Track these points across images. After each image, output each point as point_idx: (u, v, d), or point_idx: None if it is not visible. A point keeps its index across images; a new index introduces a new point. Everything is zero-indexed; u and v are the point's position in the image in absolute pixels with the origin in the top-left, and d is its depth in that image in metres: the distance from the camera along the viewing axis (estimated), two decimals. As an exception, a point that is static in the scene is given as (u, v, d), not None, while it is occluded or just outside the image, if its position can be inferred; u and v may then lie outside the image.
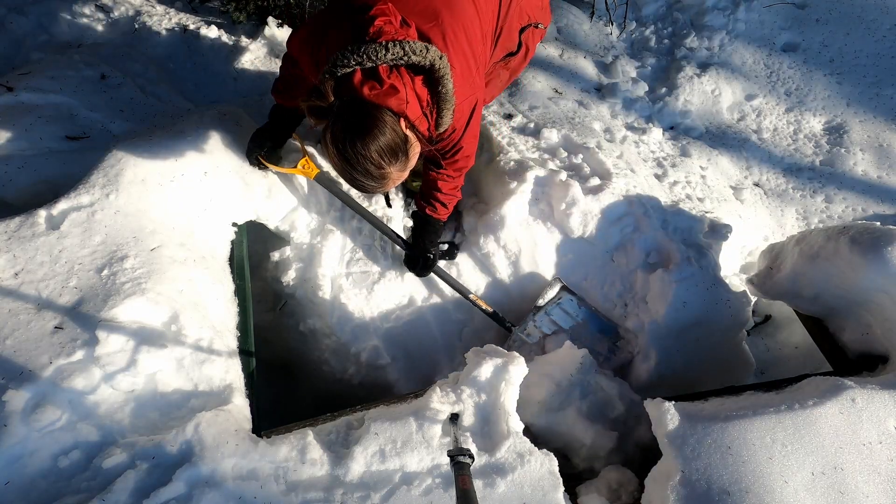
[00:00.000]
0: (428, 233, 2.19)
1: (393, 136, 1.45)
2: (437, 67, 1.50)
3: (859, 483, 1.48)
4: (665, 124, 3.22)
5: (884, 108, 3.19)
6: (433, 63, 1.49)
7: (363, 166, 1.45)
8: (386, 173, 1.49)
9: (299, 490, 1.44)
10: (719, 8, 3.58)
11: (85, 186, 1.85)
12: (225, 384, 1.68)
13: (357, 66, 1.43)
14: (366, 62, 1.42)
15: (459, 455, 1.36)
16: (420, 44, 1.46)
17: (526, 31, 1.99)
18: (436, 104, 1.58)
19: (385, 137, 1.44)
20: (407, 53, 1.44)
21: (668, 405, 1.67)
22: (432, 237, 2.21)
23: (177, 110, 2.54)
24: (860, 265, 1.87)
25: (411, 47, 1.44)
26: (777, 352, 2.68)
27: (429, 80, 1.54)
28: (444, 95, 1.56)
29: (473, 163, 2.03)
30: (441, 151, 1.84)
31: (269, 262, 2.38)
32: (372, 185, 1.53)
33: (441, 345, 2.38)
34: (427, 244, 2.21)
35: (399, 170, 1.52)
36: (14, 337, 1.54)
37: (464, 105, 1.69)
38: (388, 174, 1.50)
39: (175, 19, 3.12)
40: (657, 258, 2.33)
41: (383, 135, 1.43)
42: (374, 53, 1.42)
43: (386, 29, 1.46)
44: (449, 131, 1.73)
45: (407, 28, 1.51)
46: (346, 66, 1.44)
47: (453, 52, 1.59)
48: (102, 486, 1.35)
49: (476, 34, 1.70)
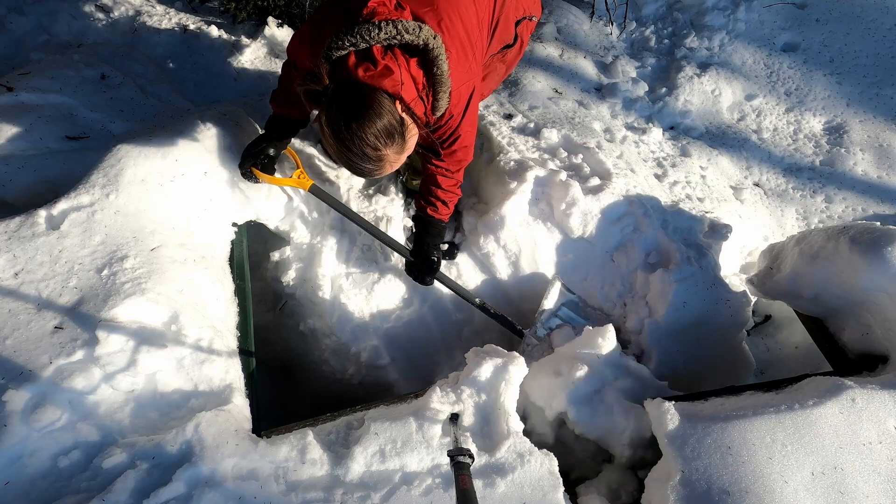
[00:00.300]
0: (430, 235, 2.16)
1: (389, 118, 1.45)
2: (431, 47, 1.49)
3: (859, 483, 1.48)
4: (665, 124, 3.22)
5: (884, 108, 3.19)
6: (427, 43, 1.48)
7: (359, 148, 1.45)
8: (382, 155, 1.49)
9: (299, 490, 1.44)
10: (719, 8, 3.58)
11: (85, 186, 1.85)
12: (225, 384, 1.68)
13: (351, 47, 1.43)
14: (359, 42, 1.43)
15: (459, 455, 1.37)
16: (413, 23, 1.46)
17: (521, 23, 2.00)
18: (431, 87, 1.58)
19: (381, 120, 1.44)
20: (400, 32, 1.44)
21: (668, 405, 1.67)
22: (435, 240, 2.17)
23: (177, 110, 2.54)
24: (860, 265, 1.87)
25: (404, 26, 1.44)
26: (777, 352, 2.68)
27: (424, 62, 1.54)
28: (439, 77, 1.56)
29: (472, 158, 2.02)
30: (440, 140, 1.83)
31: (269, 262, 2.38)
32: (369, 168, 1.52)
33: (441, 345, 2.38)
34: (430, 248, 2.16)
35: (396, 152, 1.51)
36: (14, 337, 1.54)
37: (461, 90, 1.69)
38: (385, 156, 1.49)
39: (175, 19, 3.12)
40: (657, 258, 2.33)
41: (379, 117, 1.43)
42: (367, 33, 1.42)
43: (379, 10, 1.46)
44: (447, 117, 1.73)
45: (401, 10, 1.51)
46: (341, 49, 1.44)
47: (448, 36, 1.59)
48: (102, 486, 1.35)
49: (472, 21, 1.70)
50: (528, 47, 3.32)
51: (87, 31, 2.95)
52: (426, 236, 2.16)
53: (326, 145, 1.52)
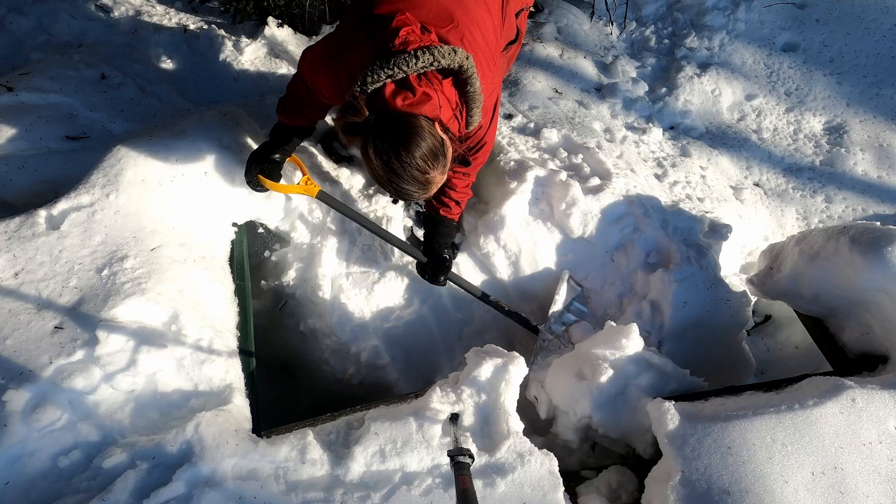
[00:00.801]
0: (441, 234, 2.16)
1: (432, 140, 1.47)
2: (465, 68, 1.51)
3: (859, 483, 1.48)
4: (665, 124, 3.22)
5: (884, 108, 3.19)
6: (461, 65, 1.50)
7: (409, 174, 1.46)
8: (430, 178, 1.51)
9: (299, 490, 1.44)
10: (719, 8, 3.58)
11: (85, 186, 1.85)
12: (225, 384, 1.68)
13: (388, 79, 1.44)
14: (397, 74, 1.43)
15: (459, 455, 1.37)
16: (447, 47, 1.47)
17: (521, 14, 2.00)
18: (465, 104, 1.60)
19: (426, 143, 1.45)
20: (437, 59, 1.45)
21: (669, 405, 1.67)
22: (446, 239, 2.18)
23: (177, 110, 2.54)
24: (860, 265, 1.87)
25: (440, 52, 1.45)
26: (777, 352, 2.68)
27: (456, 81, 1.55)
28: (472, 95, 1.58)
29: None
30: (468, 149, 1.84)
31: (269, 262, 2.38)
32: (416, 193, 1.54)
33: (441, 345, 2.38)
34: (441, 247, 2.17)
35: (441, 173, 1.53)
36: (14, 337, 1.54)
37: (488, 101, 1.71)
38: (432, 179, 1.52)
39: (175, 19, 3.12)
40: (657, 258, 2.33)
41: (424, 140, 1.45)
42: (405, 63, 1.43)
43: (411, 38, 1.47)
44: (476, 128, 1.74)
45: (428, 34, 1.52)
46: (377, 81, 1.44)
47: (472, 51, 1.60)
48: (102, 486, 1.35)
49: (489, 29, 1.71)
50: (529, 47, 3.32)
51: (87, 31, 2.95)
52: (437, 236, 2.16)
53: (372, 174, 1.53)
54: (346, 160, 2.52)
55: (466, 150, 1.83)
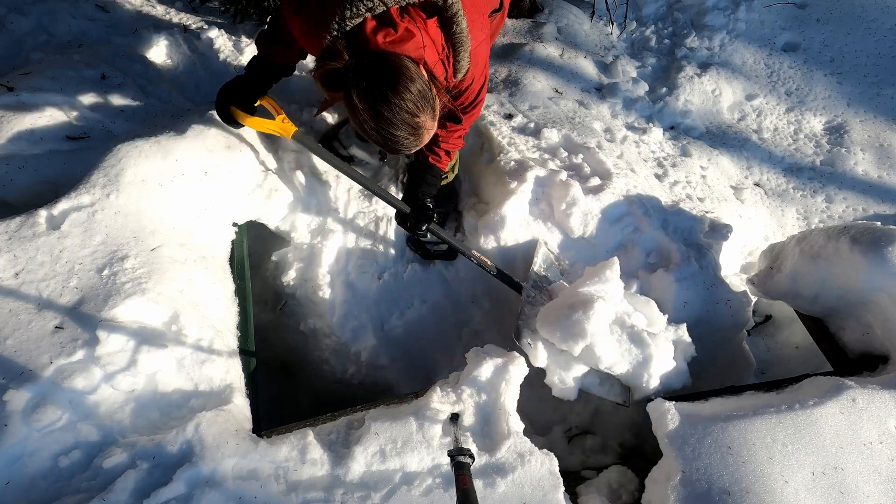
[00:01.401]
0: (426, 182, 2.03)
1: (420, 82, 1.39)
2: (449, 3, 1.44)
3: (860, 483, 1.48)
4: (665, 124, 3.22)
5: (884, 108, 3.19)
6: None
7: (400, 117, 1.39)
8: (421, 122, 1.43)
9: (299, 490, 1.44)
10: (720, 8, 3.58)
11: (85, 186, 1.85)
12: (225, 384, 1.68)
13: (367, 12, 1.37)
14: (377, 6, 1.36)
15: (459, 455, 1.37)
16: None
17: None
18: (451, 48, 1.52)
19: (415, 85, 1.38)
20: None
21: (669, 405, 1.67)
22: (431, 188, 2.06)
23: (177, 110, 2.53)
24: (861, 265, 1.87)
25: None
26: (777, 352, 2.67)
27: (441, 21, 1.48)
28: (458, 36, 1.50)
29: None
30: (461, 106, 1.77)
31: (269, 262, 2.38)
32: (408, 141, 1.46)
33: (441, 345, 2.38)
34: (424, 193, 2.03)
35: (431, 119, 1.46)
36: (14, 337, 1.54)
37: (478, 49, 1.62)
38: (423, 123, 1.44)
39: (175, 19, 3.12)
40: (657, 258, 2.33)
41: (412, 82, 1.37)
42: None
43: None
44: (468, 81, 1.67)
45: None
46: (357, 15, 1.37)
47: None
48: (103, 486, 1.35)
49: None
50: (529, 47, 3.32)
51: (88, 31, 2.94)
52: (422, 184, 2.04)
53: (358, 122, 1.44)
54: (346, 160, 2.52)
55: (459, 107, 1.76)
